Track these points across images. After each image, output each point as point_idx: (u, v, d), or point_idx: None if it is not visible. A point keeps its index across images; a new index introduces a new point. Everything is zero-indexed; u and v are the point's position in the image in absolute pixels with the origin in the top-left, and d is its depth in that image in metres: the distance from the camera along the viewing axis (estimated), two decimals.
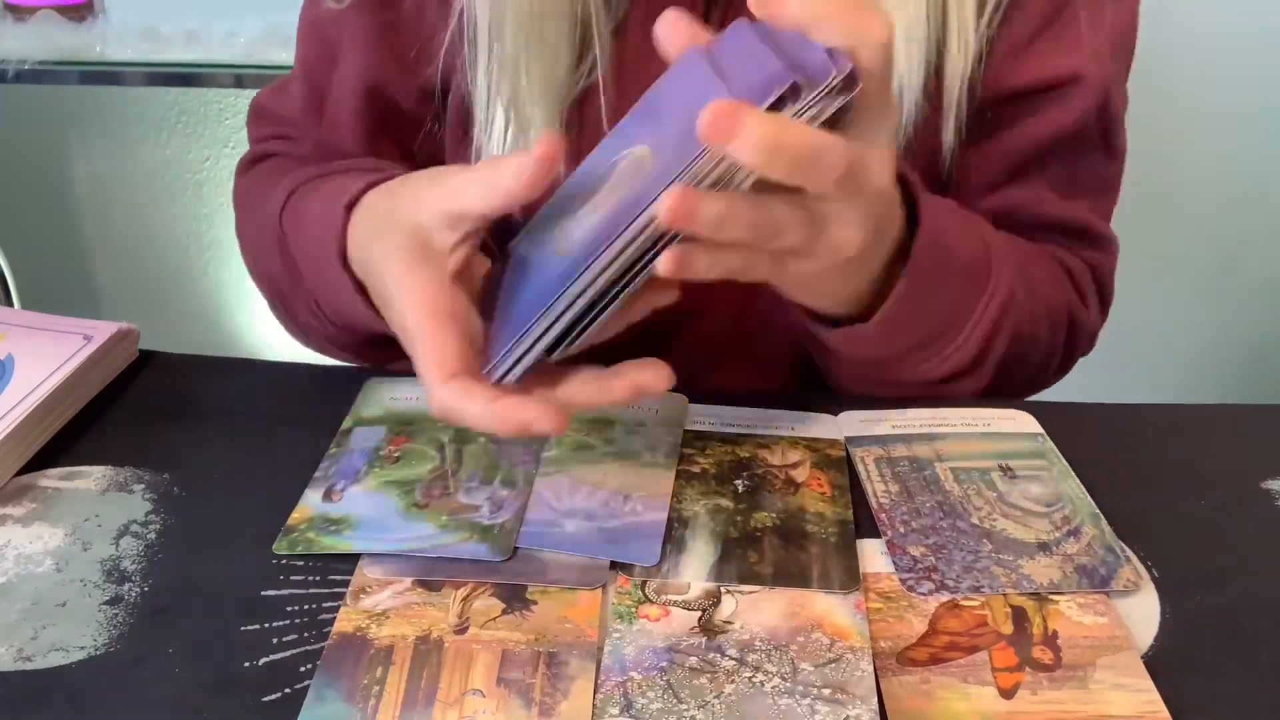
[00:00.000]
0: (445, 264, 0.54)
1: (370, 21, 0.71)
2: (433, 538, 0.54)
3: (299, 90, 0.76)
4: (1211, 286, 1.69)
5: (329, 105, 0.74)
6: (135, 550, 0.54)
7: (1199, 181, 1.59)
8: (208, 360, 0.70)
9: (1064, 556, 0.54)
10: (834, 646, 0.49)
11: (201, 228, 1.79)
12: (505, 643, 0.48)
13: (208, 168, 1.73)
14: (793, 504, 0.57)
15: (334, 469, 0.59)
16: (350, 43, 0.72)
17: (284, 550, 0.53)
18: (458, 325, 0.52)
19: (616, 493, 0.57)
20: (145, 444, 0.61)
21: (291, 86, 0.77)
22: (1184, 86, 1.50)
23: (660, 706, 0.46)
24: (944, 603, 0.52)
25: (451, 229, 0.53)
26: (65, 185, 1.77)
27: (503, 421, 0.50)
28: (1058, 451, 0.62)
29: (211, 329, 1.84)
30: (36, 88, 1.65)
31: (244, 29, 1.34)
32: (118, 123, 1.72)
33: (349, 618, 0.50)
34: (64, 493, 0.58)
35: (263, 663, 0.48)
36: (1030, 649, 0.49)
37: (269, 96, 0.80)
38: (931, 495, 0.58)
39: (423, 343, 0.52)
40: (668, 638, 0.49)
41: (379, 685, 0.46)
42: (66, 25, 1.35)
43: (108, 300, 1.87)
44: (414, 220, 0.54)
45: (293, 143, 0.77)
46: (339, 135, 0.74)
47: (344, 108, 0.73)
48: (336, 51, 0.73)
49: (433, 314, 0.52)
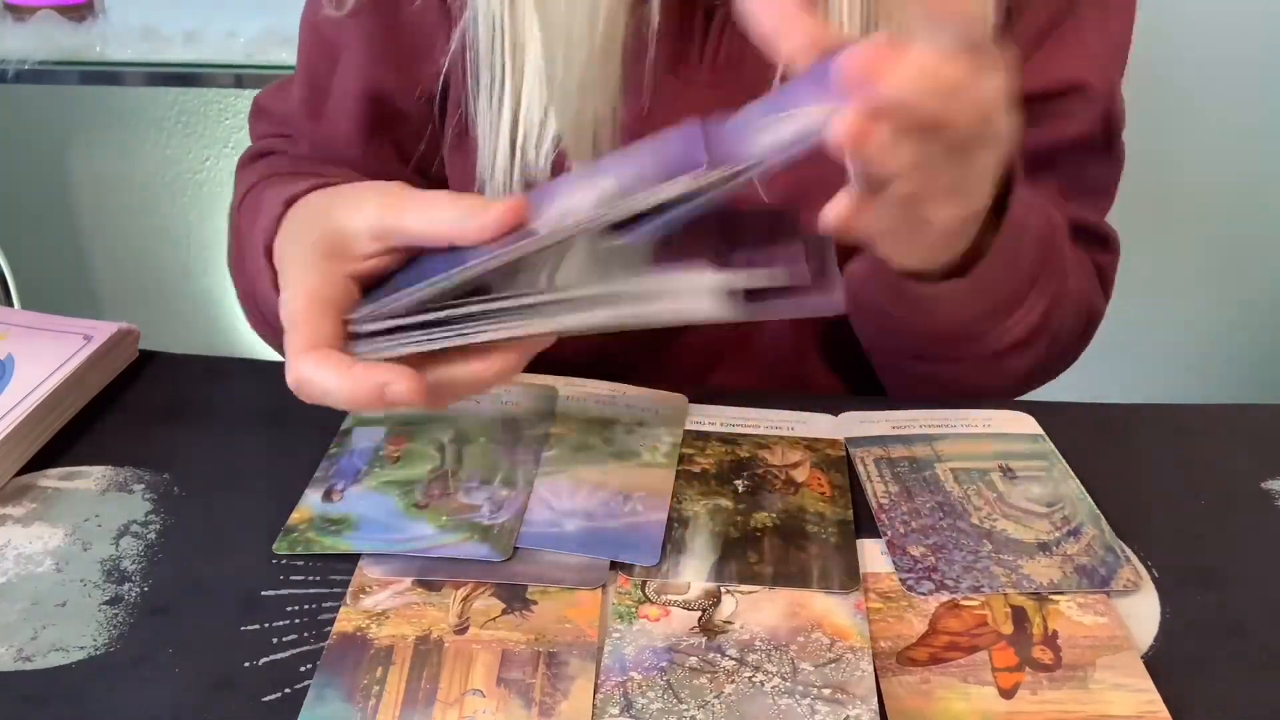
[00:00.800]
0: (352, 268, 0.53)
1: (370, 26, 0.71)
2: (433, 538, 0.54)
3: (299, 91, 0.76)
4: (1212, 286, 1.69)
5: (329, 107, 0.74)
6: (135, 550, 0.54)
7: (1199, 181, 1.59)
8: (208, 360, 0.70)
9: (1064, 556, 0.54)
10: (834, 646, 0.49)
11: (202, 228, 1.79)
12: (505, 643, 0.48)
13: (208, 168, 1.73)
14: (793, 504, 0.57)
15: (334, 469, 0.59)
16: (350, 46, 0.72)
17: (284, 550, 0.53)
18: (335, 315, 0.51)
19: (616, 493, 0.57)
20: (145, 444, 0.61)
21: (292, 87, 0.78)
22: (1185, 86, 1.50)
23: (660, 706, 0.46)
24: (944, 603, 0.52)
25: (375, 240, 0.53)
26: (65, 185, 1.77)
27: (356, 386, 0.48)
28: (1058, 452, 0.62)
29: (211, 329, 1.84)
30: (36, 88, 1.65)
31: (244, 29, 1.34)
32: (118, 123, 1.72)
33: (349, 618, 0.50)
34: (64, 493, 0.58)
35: (263, 663, 0.48)
36: (1030, 649, 0.49)
37: (270, 96, 0.80)
38: (931, 495, 0.58)
39: (291, 326, 0.51)
40: (668, 638, 0.49)
41: (379, 685, 0.46)
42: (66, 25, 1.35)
43: (108, 300, 1.87)
44: (341, 222, 0.53)
45: (291, 141, 0.77)
46: (337, 136, 0.74)
47: (343, 111, 0.73)
48: (337, 54, 0.73)
49: (314, 300, 0.51)
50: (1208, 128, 1.56)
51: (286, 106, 0.78)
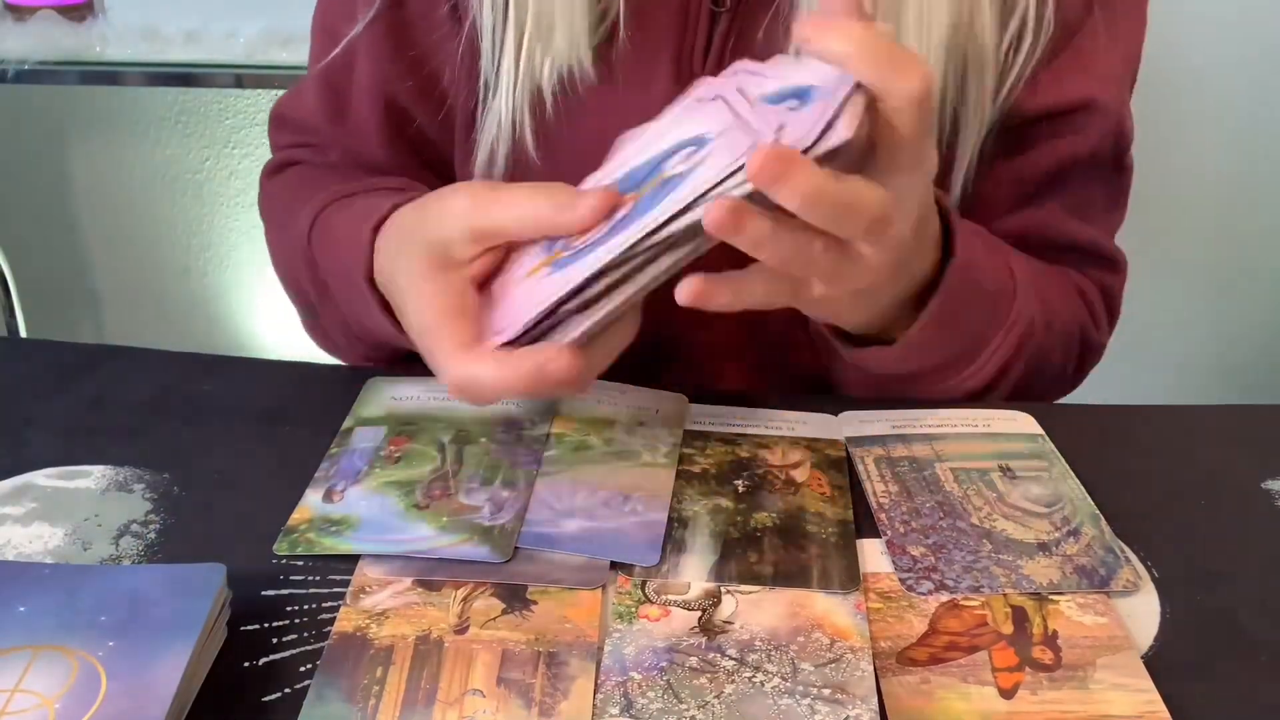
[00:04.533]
0: (464, 273, 0.55)
1: (381, 28, 0.71)
2: (432, 539, 0.54)
3: (316, 96, 0.76)
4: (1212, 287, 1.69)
5: (351, 114, 0.74)
6: (135, 550, 0.54)
7: (1200, 182, 1.59)
8: (207, 359, 0.70)
9: (1064, 557, 0.54)
10: (834, 646, 0.49)
11: (201, 228, 1.79)
12: (505, 643, 0.48)
13: (208, 168, 1.73)
14: (793, 504, 0.57)
15: (335, 469, 0.59)
16: (364, 52, 0.72)
17: (284, 551, 0.53)
18: (469, 321, 0.53)
19: (616, 493, 0.57)
20: (145, 444, 0.61)
21: (307, 93, 0.77)
22: (1185, 86, 1.50)
23: (660, 706, 0.46)
24: (944, 603, 0.52)
25: (475, 243, 0.54)
26: (65, 185, 1.77)
27: (516, 370, 0.50)
28: (1057, 452, 0.62)
29: (212, 329, 1.84)
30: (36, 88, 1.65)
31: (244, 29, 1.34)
32: (118, 123, 1.72)
33: (349, 617, 0.50)
34: (64, 492, 0.58)
35: (263, 663, 0.48)
36: (1030, 649, 0.49)
37: (287, 103, 0.79)
38: (931, 495, 0.58)
39: (438, 331, 0.53)
40: (668, 638, 0.49)
41: (379, 685, 0.46)
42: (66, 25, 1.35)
43: (108, 300, 1.87)
44: (437, 233, 0.55)
45: (318, 150, 0.77)
46: (365, 143, 0.74)
47: (366, 118, 0.74)
48: (352, 59, 0.73)
49: (447, 309, 0.53)
50: (1208, 128, 1.56)
51: (305, 113, 0.77)
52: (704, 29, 0.68)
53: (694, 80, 0.56)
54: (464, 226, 0.54)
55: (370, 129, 0.73)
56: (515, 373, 0.50)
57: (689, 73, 0.68)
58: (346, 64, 0.73)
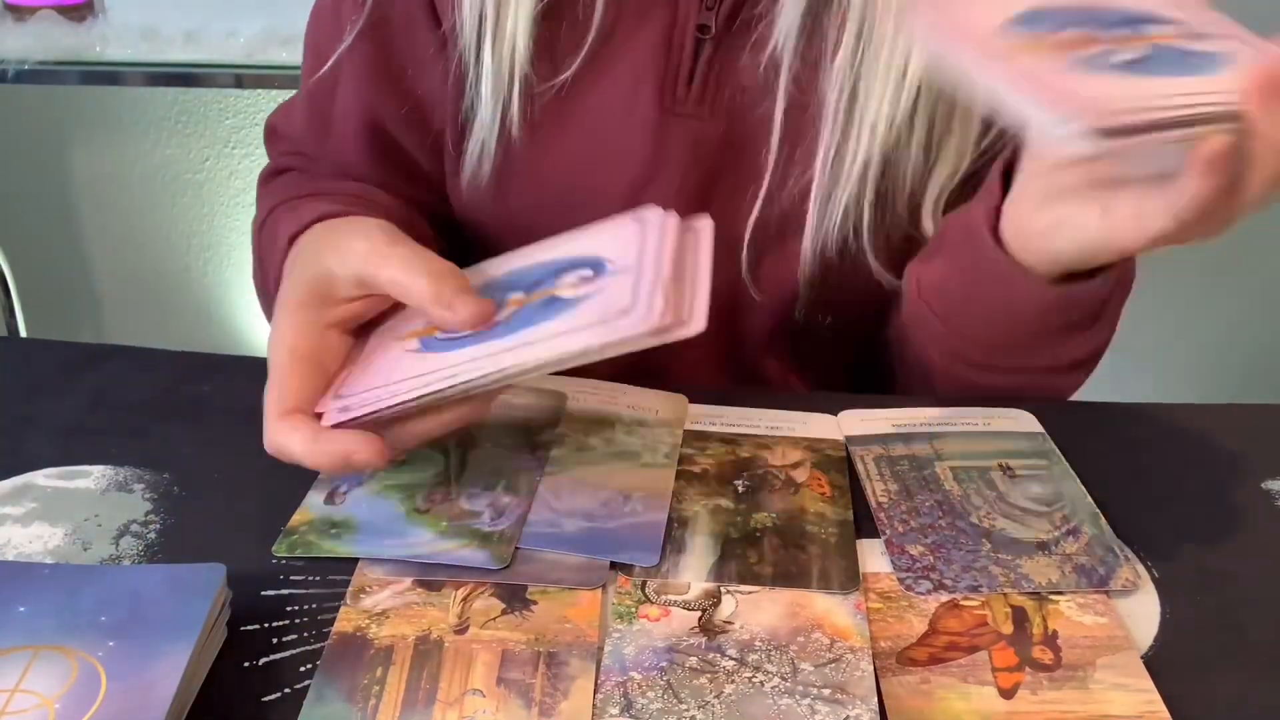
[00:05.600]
0: (333, 313, 0.55)
1: (364, 51, 0.71)
2: (431, 543, 0.54)
3: (303, 114, 0.77)
4: (1212, 286, 1.69)
5: (334, 135, 0.75)
6: (135, 550, 0.54)
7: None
8: (208, 359, 0.70)
9: (1063, 556, 0.54)
10: (834, 646, 0.49)
11: (201, 228, 1.79)
12: (505, 643, 0.48)
13: (208, 168, 1.73)
14: (793, 504, 0.57)
15: None
16: (348, 74, 0.73)
17: (283, 553, 0.53)
18: (312, 369, 0.54)
19: (616, 493, 0.57)
20: (145, 444, 0.61)
21: (296, 110, 0.78)
22: None
23: (660, 706, 0.46)
24: (944, 603, 0.52)
25: (358, 288, 0.55)
26: (65, 185, 1.77)
27: (322, 454, 0.51)
28: (1058, 451, 0.62)
29: (212, 328, 1.84)
30: (36, 88, 1.65)
31: (244, 29, 1.34)
32: (118, 123, 1.72)
33: (349, 617, 0.50)
34: (64, 493, 0.58)
35: (263, 663, 0.48)
36: (1030, 649, 0.49)
37: (279, 117, 0.80)
38: (931, 494, 0.58)
39: (272, 379, 0.54)
40: (668, 638, 0.49)
41: (379, 685, 0.46)
42: (66, 25, 1.35)
43: (108, 300, 1.87)
44: (329, 266, 0.56)
45: (309, 159, 0.77)
46: (345, 159, 0.75)
47: (349, 139, 0.74)
48: (334, 83, 0.73)
49: (291, 353, 0.54)
50: None
51: (294, 130, 0.78)
52: (689, 54, 0.68)
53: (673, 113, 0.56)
54: (353, 270, 0.55)
55: (353, 149, 0.74)
56: (321, 454, 0.51)
57: (672, 99, 0.68)
58: (331, 85, 0.73)
